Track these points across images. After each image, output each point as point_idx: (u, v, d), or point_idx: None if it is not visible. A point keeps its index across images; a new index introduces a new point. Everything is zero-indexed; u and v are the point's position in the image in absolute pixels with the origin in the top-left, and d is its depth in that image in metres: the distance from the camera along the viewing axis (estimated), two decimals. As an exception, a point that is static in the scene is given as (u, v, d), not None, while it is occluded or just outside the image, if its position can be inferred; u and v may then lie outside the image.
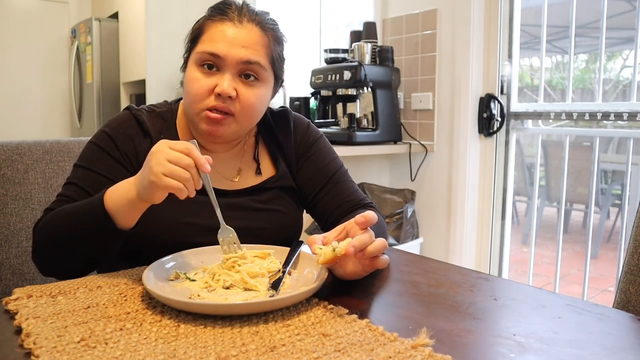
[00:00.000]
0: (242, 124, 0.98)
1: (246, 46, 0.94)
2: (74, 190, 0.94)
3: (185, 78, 0.98)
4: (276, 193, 1.06)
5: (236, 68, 0.94)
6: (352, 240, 0.74)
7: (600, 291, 3.16)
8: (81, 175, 0.96)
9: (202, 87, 0.94)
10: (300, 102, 2.62)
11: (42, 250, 0.89)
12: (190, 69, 0.97)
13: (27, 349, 0.56)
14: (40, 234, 0.89)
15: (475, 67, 2.48)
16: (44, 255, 0.89)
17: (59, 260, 0.88)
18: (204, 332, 0.62)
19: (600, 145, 2.30)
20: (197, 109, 0.95)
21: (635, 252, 0.92)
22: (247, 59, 0.94)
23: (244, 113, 0.96)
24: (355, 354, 0.56)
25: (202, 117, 0.95)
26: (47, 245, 0.88)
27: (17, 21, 4.01)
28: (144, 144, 0.99)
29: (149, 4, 3.08)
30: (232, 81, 0.94)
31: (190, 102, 0.96)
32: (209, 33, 0.96)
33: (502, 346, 0.59)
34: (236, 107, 0.95)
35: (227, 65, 0.94)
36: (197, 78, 0.95)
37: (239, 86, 0.95)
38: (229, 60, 0.93)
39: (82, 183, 0.94)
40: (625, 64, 3.03)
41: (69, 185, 0.96)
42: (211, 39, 0.95)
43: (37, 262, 0.91)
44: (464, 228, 2.56)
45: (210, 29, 0.96)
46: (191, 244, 0.89)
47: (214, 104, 0.94)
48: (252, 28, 0.96)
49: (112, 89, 3.69)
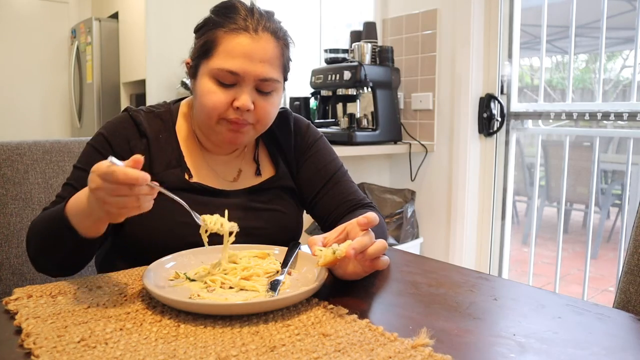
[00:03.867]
0: (259, 130, 1.00)
1: (264, 61, 0.93)
2: (69, 191, 0.94)
3: (198, 89, 0.95)
4: (276, 193, 1.06)
5: (254, 83, 0.94)
6: (352, 242, 0.74)
7: (600, 291, 3.16)
8: (77, 177, 0.96)
9: (220, 100, 0.93)
10: (300, 102, 2.62)
11: (32, 249, 0.90)
12: (204, 80, 0.94)
13: (27, 349, 0.56)
14: (28, 233, 0.90)
15: (475, 67, 2.48)
16: (34, 253, 0.90)
17: (46, 259, 0.89)
18: (204, 332, 0.62)
19: (600, 145, 2.30)
20: (215, 119, 0.95)
21: (635, 252, 0.92)
22: (264, 76, 0.93)
23: (261, 122, 0.97)
24: (355, 354, 0.56)
25: (223, 125, 0.95)
26: (35, 244, 0.89)
27: (17, 21, 4.02)
28: (140, 145, 0.99)
29: (149, 4, 3.08)
30: (250, 94, 0.93)
31: (207, 114, 0.95)
32: (224, 46, 0.92)
33: (502, 346, 0.59)
34: (253, 117, 0.95)
35: (245, 81, 0.92)
36: (213, 91, 0.93)
37: (256, 98, 0.94)
38: (247, 77, 0.92)
39: (77, 184, 0.94)
40: (625, 64, 3.03)
41: (66, 186, 0.96)
42: (227, 54, 0.91)
43: (30, 259, 0.92)
44: (464, 228, 2.56)
45: (226, 42, 0.92)
46: (190, 244, 0.89)
47: (233, 117, 0.93)
48: (268, 39, 0.94)
49: (112, 89, 3.69)
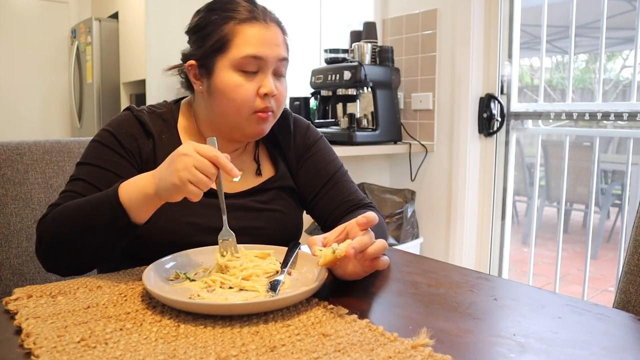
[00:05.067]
0: (277, 117, 1.03)
1: (278, 44, 0.98)
2: (81, 185, 0.93)
3: (221, 85, 0.95)
4: (276, 193, 1.06)
5: (273, 67, 0.98)
6: (352, 241, 0.74)
7: (600, 291, 3.16)
8: (87, 172, 0.95)
9: (249, 91, 0.96)
10: (300, 102, 2.62)
11: (47, 245, 0.87)
12: (226, 74, 0.95)
13: (27, 349, 0.56)
14: (46, 228, 0.87)
15: (475, 67, 2.48)
16: (49, 250, 0.87)
17: (64, 255, 0.86)
18: (204, 332, 0.62)
19: (600, 145, 2.30)
20: (246, 114, 0.97)
21: (635, 252, 0.92)
22: (282, 56, 0.98)
23: (279, 107, 1.01)
24: (355, 354, 0.56)
25: (253, 119, 0.98)
26: (53, 239, 0.86)
27: (17, 21, 4.02)
28: (148, 145, 0.99)
29: (149, 4, 3.07)
30: (273, 80, 0.98)
31: (237, 108, 0.96)
32: (242, 36, 0.95)
33: (502, 346, 0.59)
34: (275, 103, 0.99)
35: (267, 65, 0.96)
36: (240, 83, 0.95)
37: (275, 83, 0.98)
38: (270, 60, 0.96)
39: (89, 179, 0.93)
40: (625, 64, 3.03)
41: (75, 181, 0.94)
42: (248, 42, 0.95)
43: (40, 257, 0.89)
44: (464, 228, 2.56)
45: (242, 32, 0.95)
46: (191, 243, 0.89)
47: (263, 106, 0.97)
48: (274, 26, 0.99)
49: (112, 89, 3.69)
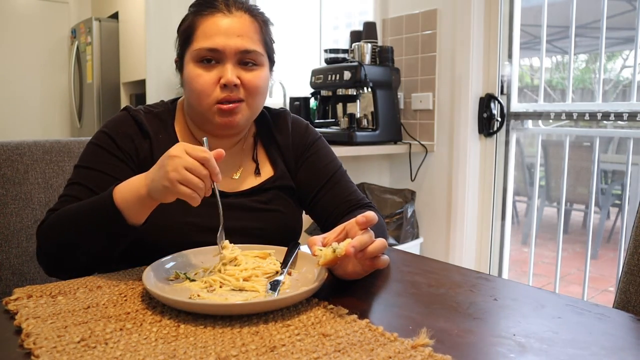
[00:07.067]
0: (252, 107, 1.00)
1: (241, 35, 0.96)
2: (78, 189, 0.93)
3: (186, 78, 0.98)
4: (276, 193, 1.06)
5: (235, 58, 0.96)
6: (352, 240, 0.74)
7: (600, 291, 3.16)
8: (84, 175, 0.95)
9: (207, 81, 0.95)
10: (300, 102, 2.62)
11: (47, 251, 0.88)
12: (189, 67, 0.97)
13: (27, 349, 0.56)
14: (44, 234, 0.88)
15: (475, 67, 2.48)
16: (50, 256, 0.88)
17: (64, 260, 0.87)
18: (204, 332, 0.62)
19: (600, 145, 2.30)
20: (206, 105, 0.96)
21: (635, 252, 0.92)
22: (244, 48, 0.95)
23: (251, 96, 0.98)
24: (355, 354, 0.56)
25: (214, 111, 0.96)
26: (52, 245, 0.87)
27: (17, 21, 4.02)
28: (144, 145, 0.99)
29: (149, 4, 3.08)
30: (234, 70, 0.95)
31: (198, 99, 0.96)
32: (202, 29, 0.96)
33: (502, 346, 0.59)
34: (243, 93, 0.97)
35: (226, 56, 0.95)
36: (199, 74, 0.95)
37: (240, 73, 0.96)
38: (227, 51, 0.95)
39: (86, 182, 0.94)
40: (625, 64, 3.03)
41: (72, 185, 0.95)
42: (205, 34, 0.95)
43: (41, 262, 0.90)
44: (464, 228, 2.56)
45: (202, 24, 0.96)
46: (191, 243, 0.89)
47: (223, 95, 0.95)
48: (242, 15, 0.97)
49: (112, 89, 3.69)
